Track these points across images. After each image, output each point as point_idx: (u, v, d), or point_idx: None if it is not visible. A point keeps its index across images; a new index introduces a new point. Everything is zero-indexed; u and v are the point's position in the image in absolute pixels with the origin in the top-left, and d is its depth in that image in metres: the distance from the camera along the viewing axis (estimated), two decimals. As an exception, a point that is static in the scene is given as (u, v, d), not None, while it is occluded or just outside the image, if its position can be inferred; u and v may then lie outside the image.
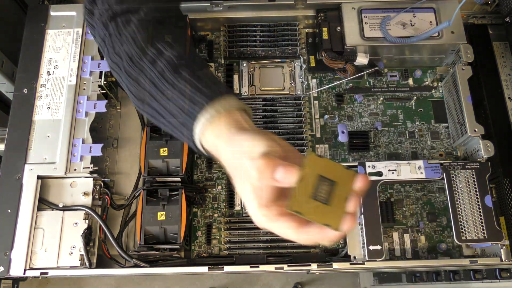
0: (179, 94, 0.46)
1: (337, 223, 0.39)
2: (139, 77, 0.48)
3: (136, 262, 0.63)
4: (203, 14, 0.79)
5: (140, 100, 0.49)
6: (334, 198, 0.39)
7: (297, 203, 0.39)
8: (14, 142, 0.68)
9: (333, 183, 0.39)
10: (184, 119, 0.46)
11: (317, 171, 0.39)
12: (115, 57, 0.50)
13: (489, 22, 0.81)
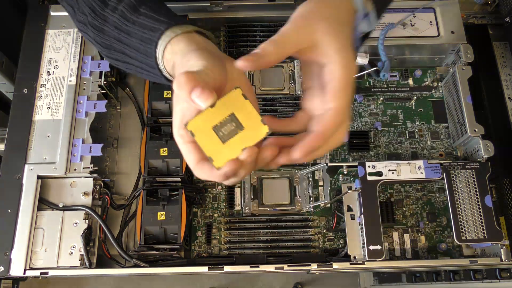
0: (140, 28, 0.48)
1: (220, 161, 0.39)
2: (103, 27, 0.51)
3: (136, 262, 0.63)
4: (203, 14, 0.79)
5: (107, 47, 0.52)
6: (232, 140, 0.39)
7: (195, 124, 0.39)
8: (14, 142, 0.68)
9: (240, 128, 0.39)
10: (146, 48, 0.48)
11: (232, 109, 0.39)
12: (80, 16, 0.53)
13: (489, 22, 0.81)
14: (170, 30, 0.46)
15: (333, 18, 0.43)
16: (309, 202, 0.70)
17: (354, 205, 0.66)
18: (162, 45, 0.46)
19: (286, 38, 0.40)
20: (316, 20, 0.42)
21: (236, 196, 0.71)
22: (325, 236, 0.70)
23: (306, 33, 0.41)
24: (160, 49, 0.47)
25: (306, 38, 0.41)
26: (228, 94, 0.39)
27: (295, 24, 0.41)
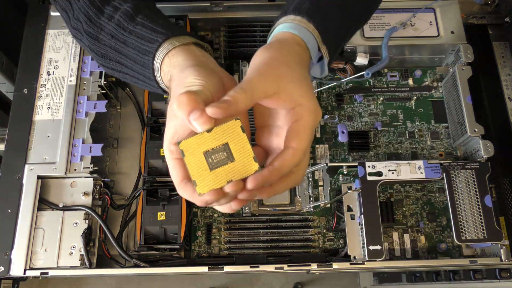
0: (137, 38, 0.48)
1: (203, 187, 0.38)
2: (99, 35, 0.51)
3: (136, 262, 0.63)
4: (203, 14, 0.79)
5: (103, 56, 0.52)
6: (220, 169, 0.38)
7: (188, 145, 0.38)
8: (14, 142, 0.68)
9: (231, 159, 0.39)
10: (143, 59, 0.48)
11: (228, 139, 0.39)
12: (75, 22, 0.52)
13: (489, 22, 0.81)
14: (167, 42, 0.46)
15: (295, 64, 0.44)
16: (309, 202, 0.70)
17: (354, 205, 0.66)
18: (159, 57, 0.46)
19: (254, 86, 0.40)
20: (279, 67, 0.42)
21: (236, 196, 0.71)
22: (325, 236, 0.70)
23: (272, 81, 0.41)
24: (157, 61, 0.46)
25: (272, 86, 0.41)
26: (227, 123, 0.39)
27: (261, 73, 0.41)
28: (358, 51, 0.75)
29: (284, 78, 0.42)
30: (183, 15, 0.75)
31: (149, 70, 0.47)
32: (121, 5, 0.51)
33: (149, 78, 0.48)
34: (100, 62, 0.54)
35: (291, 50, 0.45)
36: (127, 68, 0.51)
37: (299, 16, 0.48)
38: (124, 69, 0.51)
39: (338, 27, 0.51)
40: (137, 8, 0.51)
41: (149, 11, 0.51)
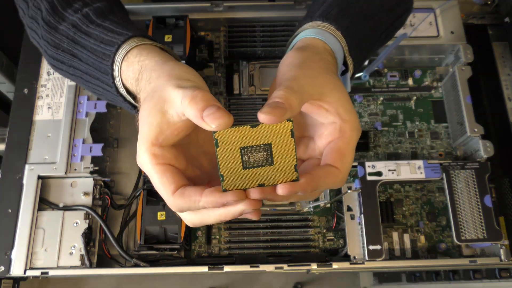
0: (103, 30, 0.45)
1: (230, 184, 0.34)
2: (58, 25, 0.47)
3: (136, 262, 0.63)
4: (203, 14, 0.79)
5: (55, 46, 0.47)
6: (253, 170, 0.35)
7: (225, 136, 0.34)
8: (14, 142, 0.68)
9: (270, 163, 0.35)
10: (104, 51, 0.43)
11: (272, 139, 0.34)
12: (34, 10, 0.49)
13: (488, 22, 0.81)
14: (138, 38, 0.43)
15: (333, 73, 0.41)
16: (309, 202, 0.70)
17: (354, 205, 0.66)
18: (125, 48, 0.42)
19: (304, 87, 0.36)
20: (322, 72, 0.39)
21: (236, 196, 0.71)
22: (325, 236, 0.70)
23: (318, 85, 0.37)
24: (121, 52, 0.42)
25: (318, 90, 0.37)
26: (277, 124, 0.34)
27: (306, 73, 0.38)
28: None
29: (329, 84, 0.38)
30: (183, 15, 0.75)
31: (108, 62, 0.43)
32: (92, 3, 0.48)
33: (105, 72, 0.43)
34: (49, 53, 0.48)
35: (324, 58, 0.42)
36: (81, 61, 0.46)
37: (326, 23, 0.45)
38: (76, 62, 0.46)
39: (364, 39, 0.48)
40: (111, 8, 0.48)
41: (121, 15, 0.49)
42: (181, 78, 0.37)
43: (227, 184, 0.34)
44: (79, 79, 0.48)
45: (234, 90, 0.78)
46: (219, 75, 0.79)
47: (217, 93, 0.78)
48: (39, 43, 0.50)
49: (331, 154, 0.38)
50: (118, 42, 0.43)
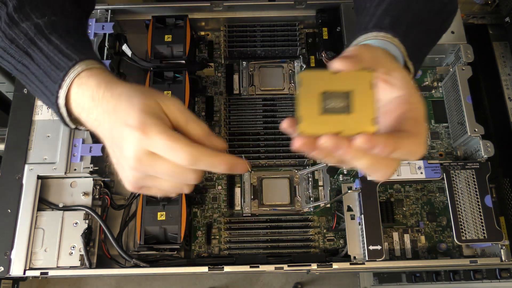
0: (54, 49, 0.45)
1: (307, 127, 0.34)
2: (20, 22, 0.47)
3: (136, 262, 0.63)
4: (203, 14, 0.79)
5: (10, 40, 0.47)
6: (331, 116, 0.35)
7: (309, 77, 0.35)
8: (14, 142, 0.68)
9: (348, 111, 0.35)
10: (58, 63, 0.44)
11: (353, 88, 0.35)
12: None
13: (489, 22, 0.81)
14: (94, 61, 0.44)
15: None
16: (309, 202, 0.70)
17: (354, 205, 0.66)
18: (81, 66, 0.43)
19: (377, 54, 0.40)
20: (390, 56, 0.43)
21: (236, 196, 0.71)
22: (325, 236, 0.70)
23: (388, 61, 0.41)
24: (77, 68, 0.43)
25: (387, 65, 0.40)
26: (359, 72, 0.35)
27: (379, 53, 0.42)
28: (358, 51, 0.75)
29: (396, 63, 0.41)
30: (183, 15, 0.75)
31: (60, 73, 0.43)
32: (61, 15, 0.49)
33: (54, 81, 0.44)
34: (1, 44, 0.48)
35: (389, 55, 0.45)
36: (33, 61, 0.46)
37: (382, 32, 0.46)
38: (27, 61, 0.46)
39: (420, 42, 0.50)
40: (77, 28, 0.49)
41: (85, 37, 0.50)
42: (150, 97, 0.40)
43: (303, 127, 0.34)
44: (23, 75, 0.48)
45: (234, 90, 0.77)
46: (219, 75, 0.79)
47: (217, 93, 0.78)
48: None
49: (408, 122, 0.38)
50: (76, 58, 0.44)
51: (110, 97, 0.41)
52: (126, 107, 0.40)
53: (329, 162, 0.38)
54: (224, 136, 0.73)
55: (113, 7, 0.77)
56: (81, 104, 0.43)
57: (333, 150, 0.34)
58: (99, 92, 0.42)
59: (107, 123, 0.41)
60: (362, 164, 0.36)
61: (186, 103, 0.68)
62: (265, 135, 0.73)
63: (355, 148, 0.34)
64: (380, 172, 0.37)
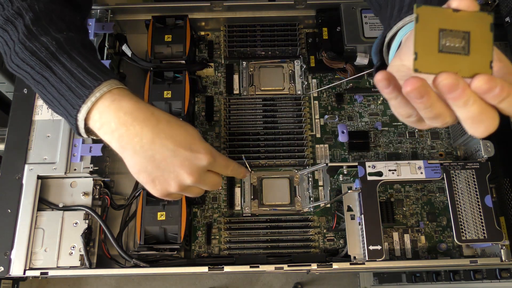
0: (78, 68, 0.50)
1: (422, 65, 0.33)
2: (39, 35, 0.51)
3: (136, 262, 0.63)
4: (203, 14, 0.79)
5: (31, 52, 0.50)
6: (448, 56, 0.33)
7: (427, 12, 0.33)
8: (14, 142, 0.68)
9: (465, 52, 0.33)
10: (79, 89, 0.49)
11: (472, 29, 0.33)
12: (12, 13, 0.52)
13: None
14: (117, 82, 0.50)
15: None
16: (309, 202, 0.70)
17: (354, 205, 0.66)
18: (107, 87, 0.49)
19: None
20: None
21: (236, 196, 0.71)
22: (325, 236, 0.70)
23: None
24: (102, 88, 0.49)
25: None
26: (479, 12, 0.33)
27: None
28: (358, 51, 0.75)
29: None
30: (183, 15, 0.75)
31: (85, 91, 0.48)
32: (76, 32, 0.53)
33: (78, 96, 0.49)
34: (21, 55, 0.51)
35: None
36: (54, 75, 0.50)
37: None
38: (47, 73, 0.50)
39: None
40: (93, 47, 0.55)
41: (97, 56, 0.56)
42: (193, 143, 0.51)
43: (419, 64, 0.33)
44: (40, 85, 0.51)
45: (234, 90, 0.78)
46: (219, 75, 0.79)
47: (217, 93, 0.78)
48: (8, 44, 0.52)
49: (508, 76, 0.37)
50: (101, 78, 0.49)
51: (155, 121, 0.50)
52: (186, 136, 0.51)
53: (427, 114, 0.38)
54: (224, 136, 0.73)
55: (113, 7, 0.78)
56: (107, 120, 0.48)
57: (450, 90, 0.33)
58: (133, 113, 0.49)
59: (157, 143, 0.49)
60: (471, 112, 0.35)
61: (186, 103, 0.68)
62: (265, 135, 0.73)
63: (473, 89, 0.33)
64: (485, 124, 0.37)
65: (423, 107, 0.37)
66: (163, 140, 0.49)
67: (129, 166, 0.51)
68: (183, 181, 0.51)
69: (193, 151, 0.50)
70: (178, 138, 0.50)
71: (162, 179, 0.50)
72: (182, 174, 0.50)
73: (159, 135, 0.49)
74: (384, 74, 0.37)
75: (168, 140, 0.49)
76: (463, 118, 0.37)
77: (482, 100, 0.35)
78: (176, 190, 0.51)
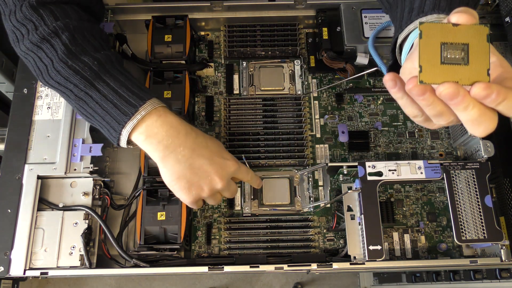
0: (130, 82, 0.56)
1: (427, 76, 0.37)
2: (79, 55, 0.56)
3: (136, 262, 0.63)
4: (203, 14, 0.79)
5: (74, 71, 0.55)
6: (449, 67, 0.37)
7: (429, 28, 0.37)
8: (14, 142, 0.68)
9: (465, 62, 0.37)
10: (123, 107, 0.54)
11: (471, 41, 0.37)
12: (47, 32, 0.56)
13: (489, 22, 0.81)
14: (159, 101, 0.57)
15: None
16: (309, 202, 0.70)
17: (354, 205, 0.66)
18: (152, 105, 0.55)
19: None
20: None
21: (236, 196, 0.71)
22: (325, 236, 0.70)
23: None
24: (147, 106, 0.54)
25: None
26: (476, 25, 0.37)
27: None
28: (358, 51, 0.75)
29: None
30: (183, 15, 0.75)
31: (132, 110, 0.54)
32: (108, 50, 0.59)
33: (124, 113, 0.54)
34: (64, 74, 0.55)
35: None
36: (98, 93, 0.55)
37: (443, 14, 0.49)
38: (93, 92, 0.55)
39: None
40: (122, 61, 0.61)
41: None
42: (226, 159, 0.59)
43: (424, 76, 0.37)
44: (82, 101, 0.56)
45: (234, 90, 0.78)
46: (219, 75, 0.79)
47: (217, 93, 0.78)
48: (43, 61, 0.56)
49: (506, 81, 0.40)
50: (144, 98, 0.55)
51: (195, 134, 0.57)
52: (217, 146, 0.60)
53: (431, 111, 0.42)
54: (224, 136, 0.73)
55: (113, 7, 0.78)
56: (153, 133, 0.55)
57: (451, 97, 0.37)
58: (177, 127, 0.56)
59: (197, 152, 0.56)
60: (471, 115, 0.39)
61: (186, 103, 0.69)
62: (265, 135, 0.73)
63: (472, 96, 0.37)
64: (484, 125, 0.40)
65: (426, 104, 0.40)
66: (202, 150, 0.57)
67: (168, 174, 0.55)
68: (215, 185, 0.57)
69: (224, 158, 0.58)
70: (212, 148, 0.58)
71: (197, 185, 0.56)
72: (215, 179, 0.57)
73: (198, 146, 0.57)
74: (391, 75, 0.41)
75: (205, 150, 0.57)
76: (464, 120, 0.40)
77: (481, 104, 0.38)
78: (208, 194, 0.58)
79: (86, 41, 0.57)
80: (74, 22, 0.57)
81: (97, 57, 0.56)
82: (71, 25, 0.56)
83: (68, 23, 0.56)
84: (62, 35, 0.55)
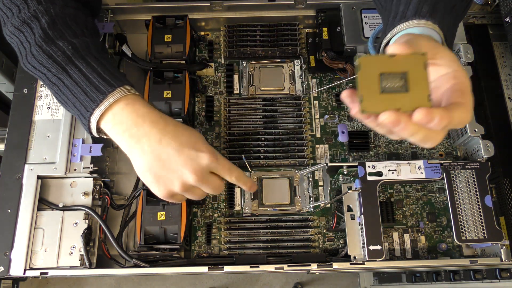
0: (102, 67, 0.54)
1: (368, 105, 0.38)
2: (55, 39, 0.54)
3: (136, 262, 0.63)
4: (203, 14, 0.79)
5: (48, 55, 0.53)
6: (390, 96, 0.38)
7: (367, 61, 0.38)
8: (14, 142, 0.68)
9: (405, 90, 0.38)
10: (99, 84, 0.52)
11: (408, 69, 0.38)
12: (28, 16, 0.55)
13: (489, 22, 0.81)
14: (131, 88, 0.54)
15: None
16: (309, 202, 0.70)
17: (354, 205, 0.66)
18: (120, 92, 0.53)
19: (421, 43, 0.44)
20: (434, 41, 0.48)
21: (236, 196, 0.71)
22: (325, 236, 0.70)
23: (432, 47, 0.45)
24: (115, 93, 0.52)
25: (432, 51, 0.44)
26: (413, 55, 0.39)
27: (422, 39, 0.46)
28: (358, 51, 0.75)
29: (440, 47, 0.45)
30: (183, 15, 0.75)
31: (100, 96, 0.52)
32: (90, 36, 0.57)
33: (92, 100, 0.52)
34: (38, 58, 0.54)
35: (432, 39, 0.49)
36: (70, 78, 0.53)
37: (423, 20, 0.50)
38: (63, 76, 0.53)
39: (452, 27, 0.54)
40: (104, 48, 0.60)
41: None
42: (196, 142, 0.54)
43: (365, 105, 0.38)
44: (55, 86, 0.54)
45: (234, 90, 0.78)
46: (219, 75, 0.79)
47: (217, 93, 0.78)
48: (23, 44, 0.55)
49: (455, 94, 0.42)
50: (114, 85, 0.52)
51: (164, 123, 0.53)
52: (192, 137, 0.54)
53: (389, 136, 0.44)
54: (224, 136, 0.73)
55: (113, 7, 0.78)
56: (119, 121, 0.52)
57: (393, 125, 0.38)
58: (144, 115, 0.52)
59: (164, 143, 0.52)
60: (417, 137, 0.40)
61: (186, 103, 0.69)
62: (265, 135, 0.73)
63: (414, 122, 0.38)
64: (431, 141, 0.42)
65: (373, 126, 0.43)
66: (169, 140, 0.52)
67: (135, 166, 0.53)
68: (186, 180, 0.52)
69: (197, 150, 0.53)
70: (183, 138, 0.53)
71: (166, 179, 0.52)
72: (186, 173, 0.52)
73: (166, 136, 0.52)
74: (349, 92, 0.42)
75: (173, 140, 0.52)
76: (413, 141, 0.42)
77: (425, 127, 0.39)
78: (180, 189, 0.53)
79: (66, 26, 0.55)
80: (57, 7, 0.55)
81: (73, 42, 0.54)
82: (52, 10, 0.55)
83: (49, 7, 0.55)
84: (42, 19, 0.54)
